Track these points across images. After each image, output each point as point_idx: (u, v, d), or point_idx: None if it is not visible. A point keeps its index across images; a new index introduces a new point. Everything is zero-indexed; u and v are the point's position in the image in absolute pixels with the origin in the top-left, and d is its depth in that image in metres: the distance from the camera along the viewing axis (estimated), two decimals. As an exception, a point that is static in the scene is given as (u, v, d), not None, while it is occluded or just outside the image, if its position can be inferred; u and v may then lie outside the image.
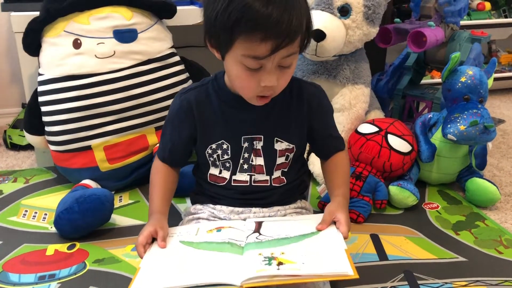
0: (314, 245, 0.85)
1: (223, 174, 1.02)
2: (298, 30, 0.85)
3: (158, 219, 0.96)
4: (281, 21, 0.81)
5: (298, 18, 0.84)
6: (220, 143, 0.99)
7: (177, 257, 0.87)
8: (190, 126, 1.00)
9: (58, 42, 1.40)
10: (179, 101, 1.00)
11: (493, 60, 1.50)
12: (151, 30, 1.48)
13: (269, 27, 0.81)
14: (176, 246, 0.91)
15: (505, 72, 2.49)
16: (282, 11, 0.81)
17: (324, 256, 0.82)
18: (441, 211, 1.39)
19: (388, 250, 1.20)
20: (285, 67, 0.88)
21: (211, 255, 0.86)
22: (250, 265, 0.80)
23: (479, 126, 1.35)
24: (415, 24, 1.67)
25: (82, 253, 1.18)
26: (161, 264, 0.85)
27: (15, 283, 1.08)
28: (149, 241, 0.92)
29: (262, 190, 1.02)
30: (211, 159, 1.01)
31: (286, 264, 0.79)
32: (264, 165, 1.00)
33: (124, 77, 1.42)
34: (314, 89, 1.03)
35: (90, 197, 1.21)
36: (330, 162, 1.06)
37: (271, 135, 0.99)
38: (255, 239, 0.89)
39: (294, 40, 0.85)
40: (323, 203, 1.35)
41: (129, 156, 1.46)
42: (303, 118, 1.00)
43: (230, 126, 0.98)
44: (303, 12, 0.85)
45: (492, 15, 2.40)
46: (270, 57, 0.84)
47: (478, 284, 1.07)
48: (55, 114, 1.40)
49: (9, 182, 1.54)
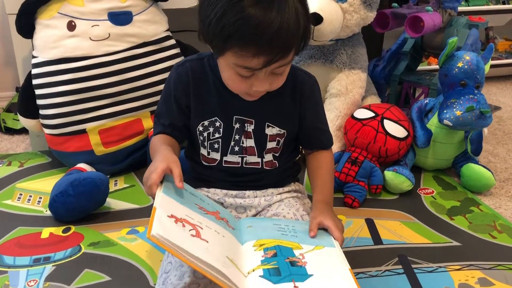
0: (317, 264, 0.81)
1: (212, 155, 1.01)
2: (293, 44, 0.82)
3: (169, 153, 0.87)
4: (275, 38, 0.78)
5: (294, 33, 0.80)
6: (213, 120, 0.98)
7: (190, 213, 0.81)
8: (186, 97, 0.98)
9: (52, 24, 1.38)
10: (176, 73, 0.98)
11: (490, 46, 1.49)
12: (146, 13, 1.46)
13: (263, 44, 0.78)
14: (186, 195, 0.85)
15: (502, 59, 2.49)
16: (277, 27, 0.77)
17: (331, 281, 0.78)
18: (436, 196, 1.40)
19: (383, 234, 1.20)
20: (278, 74, 0.87)
21: (218, 231, 0.82)
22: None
23: (475, 111, 1.35)
24: (413, 9, 1.66)
25: (77, 236, 1.18)
26: (177, 212, 0.78)
27: (10, 265, 1.08)
28: (161, 179, 0.83)
29: (254, 172, 1.02)
30: (201, 138, 1.00)
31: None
32: (255, 146, 1.00)
33: (119, 60, 1.40)
34: (308, 78, 1.01)
35: (85, 180, 1.21)
36: (313, 159, 1.04)
37: (263, 120, 0.98)
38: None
39: (288, 54, 0.83)
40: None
41: (124, 140, 1.45)
42: (295, 105, 0.99)
43: (224, 103, 0.97)
44: (301, 22, 0.81)
45: (490, 1, 2.39)
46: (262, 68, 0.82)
47: (472, 268, 1.08)
48: (50, 97, 1.39)
49: (3, 166, 1.54)
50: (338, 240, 0.89)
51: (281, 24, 0.78)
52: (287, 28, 0.79)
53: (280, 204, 1.04)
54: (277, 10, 0.78)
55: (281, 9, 0.78)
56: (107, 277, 1.04)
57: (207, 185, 1.05)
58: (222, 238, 0.82)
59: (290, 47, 0.82)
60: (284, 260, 0.80)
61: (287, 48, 0.82)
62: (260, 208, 1.04)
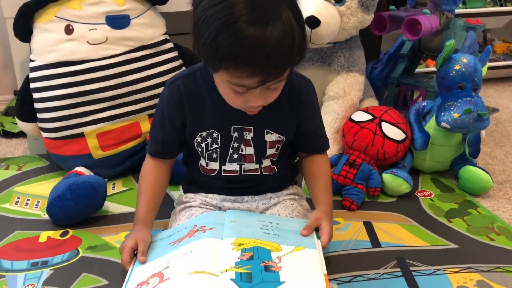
0: (292, 269, 0.82)
1: (210, 165, 1.01)
2: (288, 63, 0.81)
3: (139, 231, 0.96)
4: (270, 58, 0.77)
5: (289, 51, 0.79)
6: (211, 132, 0.98)
7: (159, 262, 0.88)
8: (181, 115, 0.98)
9: (50, 27, 1.38)
10: (169, 91, 0.98)
11: (488, 48, 1.49)
12: (144, 16, 1.46)
13: (257, 65, 0.78)
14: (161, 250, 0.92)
15: (499, 61, 2.49)
16: (271, 48, 0.76)
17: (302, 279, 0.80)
18: (434, 198, 1.40)
19: (381, 237, 1.20)
20: (273, 89, 0.86)
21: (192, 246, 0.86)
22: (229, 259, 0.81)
23: (472, 114, 1.35)
24: (410, 12, 1.67)
25: (75, 240, 1.18)
26: (146, 273, 0.86)
27: (8, 270, 1.07)
28: (132, 256, 0.92)
29: (252, 179, 1.02)
30: (199, 149, 1.00)
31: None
32: (254, 154, 1.00)
33: (116, 64, 1.40)
34: (305, 83, 1.01)
35: (83, 184, 1.21)
36: (311, 163, 1.05)
37: (262, 126, 0.98)
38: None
39: (284, 73, 0.82)
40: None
41: (122, 143, 1.45)
42: (293, 110, 0.99)
43: (220, 115, 0.96)
44: (296, 39, 0.80)
45: (488, 4, 2.40)
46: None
47: (470, 270, 1.08)
48: (47, 101, 1.39)
49: (1, 169, 1.53)
50: (323, 244, 0.90)
51: (276, 45, 0.76)
52: (282, 48, 0.77)
53: (276, 205, 1.04)
54: (272, 29, 0.76)
55: (276, 28, 0.76)
56: (105, 281, 1.04)
57: (205, 191, 1.05)
58: (190, 255, 0.84)
59: (286, 66, 0.82)
60: (259, 264, 0.81)
61: (282, 67, 0.81)
62: (258, 211, 1.04)
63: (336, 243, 1.16)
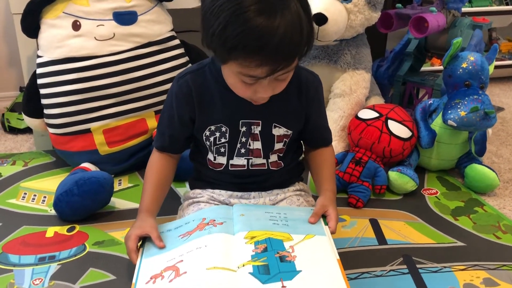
0: (306, 257, 0.82)
1: (218, 160, 1.01)
2: (297, 52, 0.82)
3: (145, 220, 0.95)
4: (279, 48, 0.78)
5: (297, 41, 0.80)
6: (219, 126, 0.98)
7: (171, 254, 0.87)
8: (190, 110, 0.98)
9: (57, 23, 1.39)
10: (177, 86, 0.98)
11: (495, 46, 1.49)
12: (151, 13, 1.46)
13: (266, 55, 0.78)
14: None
15: (505, 60, 2.48)
16: (280, 38, 0.77)
17: (317, 273, 0.80)
18: (440, 196, 1.40)
19: (387, 234, 1.20)
20: (281, 80, 0.87)
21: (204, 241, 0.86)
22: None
23: (479, 112, 1.35)
24: (417, 10, 1.66)
25: (82, 235, 1.19)
26: (158, 266, 0.85)
27: (15, 264, 1.08)
28: (138, 245, 0.92)
29: (259, 173, 1.02)
30: (207, 143, 1.00)
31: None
32: (262, 148, 1.00)
33: (123, 60, 1.41)
34: (312, 77, 1.01)
35: (89, 179, 1.21)
36: (317, 154, 1.06)
37: (270, 121, 0.98)
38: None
39: (292, 62, 0.83)
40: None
41: (128, 139, 1.45)
42: (301, 105, 1.00)
43: (229, 109, 0.97)
44: (304, 29, 0.80)
45: (493, 2, 2.39)
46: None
47: (477, 268, 1.08)
48: (54, 97, 1.39)
49: (7, 165, 1.54)
50: (331, 229, 0.91)
51: (284, 34, 0.77)
52: (290, 38, 0.78)
53: (282, 202, 1.04)
54: (280, 19, 0.77)
55: (284, 17, 0.77)
56: (112, 276, 1.04)
57: (212, 186, 1.05)
58: (205, 250, 0.83)
59: (294, 56, 0.82)
60: (274, 256, 0.81)
61: (291, 56, 0.82)
62: (265, 207, 1.04)
63: (342, 240, 1.17)
